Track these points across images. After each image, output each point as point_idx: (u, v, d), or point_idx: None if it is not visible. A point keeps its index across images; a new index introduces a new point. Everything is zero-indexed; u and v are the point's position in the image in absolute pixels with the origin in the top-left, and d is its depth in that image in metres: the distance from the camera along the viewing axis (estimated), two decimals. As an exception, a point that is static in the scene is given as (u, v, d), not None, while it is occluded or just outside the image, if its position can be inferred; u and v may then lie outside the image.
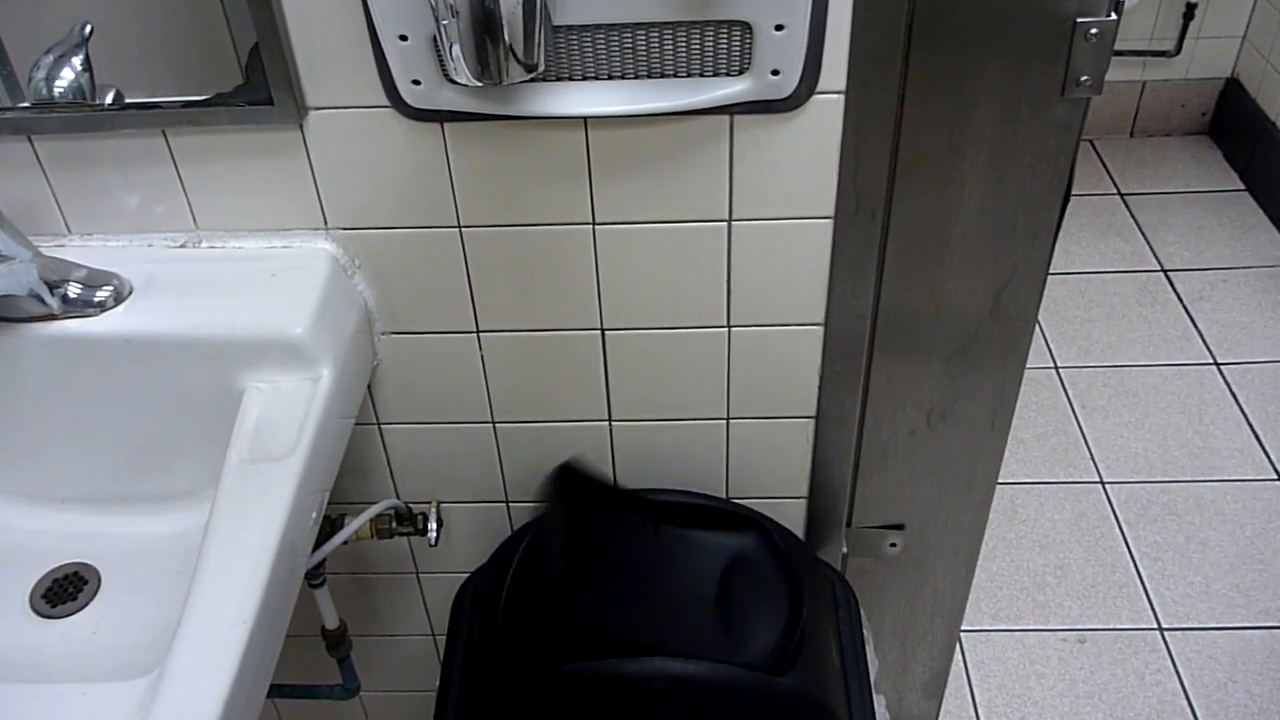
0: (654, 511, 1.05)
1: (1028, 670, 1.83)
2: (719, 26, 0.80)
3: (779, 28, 0.79)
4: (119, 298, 0.90)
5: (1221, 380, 2.31)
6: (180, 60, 0.86)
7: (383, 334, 1.01)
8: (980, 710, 1.78)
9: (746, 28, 0.80)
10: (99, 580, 0.93)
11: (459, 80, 0.75)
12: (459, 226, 0.94)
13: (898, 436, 1.15)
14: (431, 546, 1.16)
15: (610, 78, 0.83)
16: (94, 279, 0.90)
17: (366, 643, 1.33)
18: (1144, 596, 1.92)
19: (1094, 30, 0.86)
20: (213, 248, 0.95)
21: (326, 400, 0.88)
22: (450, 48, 0.73)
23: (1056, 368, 2.36)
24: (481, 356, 1.03)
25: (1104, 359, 2.37)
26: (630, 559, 1.04)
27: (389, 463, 1.13)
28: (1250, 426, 2.20)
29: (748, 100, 0.84)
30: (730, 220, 0.92)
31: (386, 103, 0.86)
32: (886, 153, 0.90)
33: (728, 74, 0.83)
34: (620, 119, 0.86)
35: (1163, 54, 2.83)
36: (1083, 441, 2.20)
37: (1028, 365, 1.10)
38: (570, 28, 0.80)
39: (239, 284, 0.92)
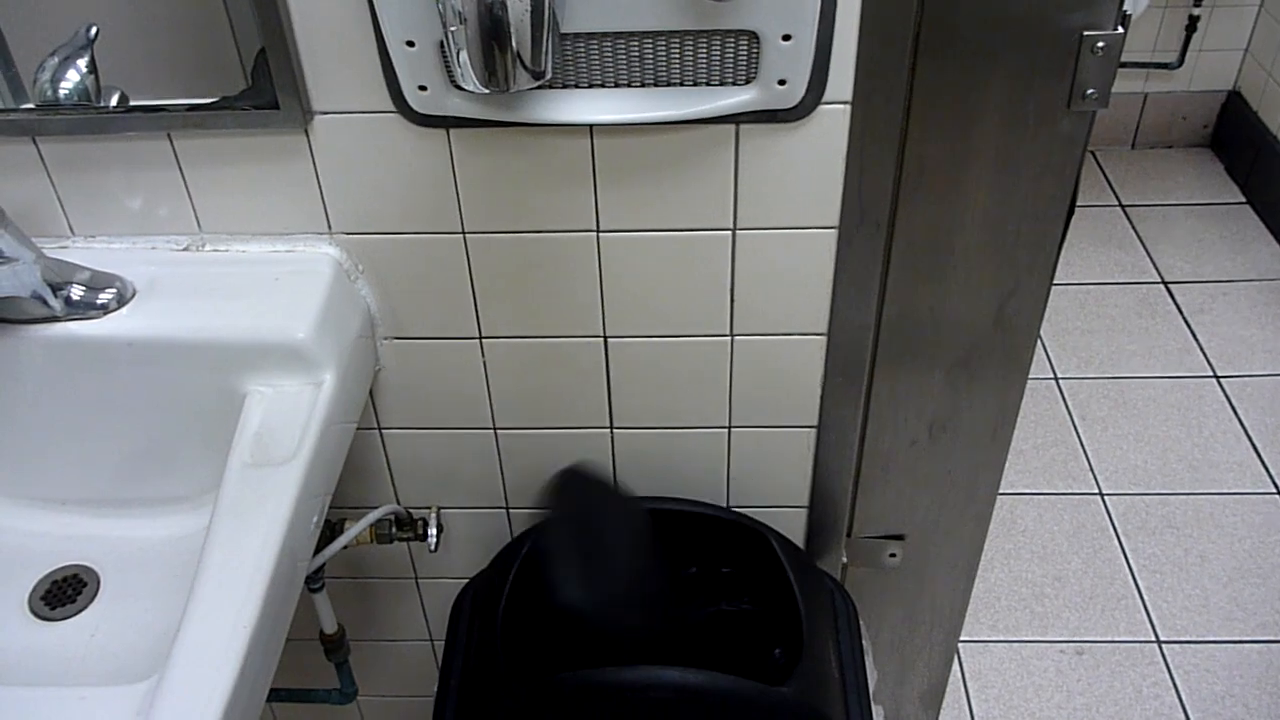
0: (655, 518, 1.05)
1: (1025, 681, 1.83)
2: (726, 36, 0.80)
3: (786, 38, 0.79)
4: (122, 300, 0.90)
5: (1221, 393, 2.31)
6: (185, 63, 0.86)
7: (385, 339, 1.01)
8: (977, 721, 1.78)
9: (754, 37, 0.80)
10: (98, 583, 0.93)
11: (466, 87, 0.75)
12: (463, 232, 0.93)
13: (899, 447, 1.14)
14: (431, 552, 1.16)
15: (617, 86, 0.83)
16: (97, 281, 0.90)
17: (365, 647, 1.32)
18: (1142, 609, 1.92)
19: (1100, 43, 0.86)
20: (216, 251, 0.95)
21: (329, 405, 0.88)
22: (458, 54, 0.73)
23: (1056, 379, 2.36)
24: (484, 362, 1.03)
25: (1104, 370, 2.37)
26: (630, 565, 1.03)
27: (390, 468, 1.12)
28: (1249, 440, 2.20)
29: (754, 110, 0.84)
30: (734, 229, 0.92)
31: (392, 108, 0.86)
32: (892, 163, 0.90)
33: (734, 83, 0.83)
34: (626, 127, 0.86)
35: (1165, 66, 2.83)
36: (1082, 453, 2.20)
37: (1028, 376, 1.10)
38: (578, 35, 0.80)
39: (242, 287, 0.92)
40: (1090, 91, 0.88)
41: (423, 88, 0.83)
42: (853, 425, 1.07)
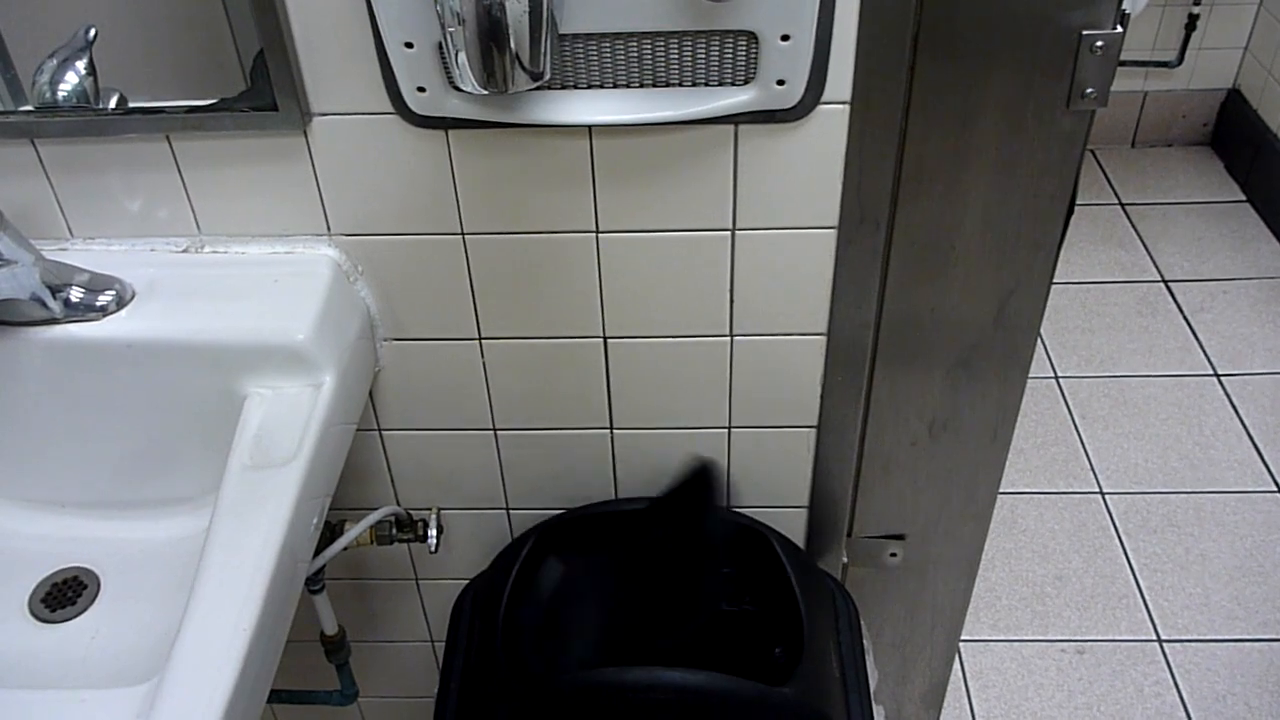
0: (657, 519, 1.05)
1: (1026, 681, 1.83)
2: (725, 36, 0.80)
3: (785, 38, 0.79)
4: (121, 302, 0.90)
5: (1221, 391, 2.31)
6: (184, 65, 0.86)
7: (385, 340, 1.01)
8: (979, 720, 1.78)
9: (753, 38, 0.80)
10: (98, 585, 0.92)
11: (464, 88, 0.75)
12: (462, 233, 0.93)
13: (899, 446, 1.14)
14: (431, 553, 1.16)
15: (616, 86, 0.83)
16: (96, 283, 0.90)
17: (365, 649, 1.32)
18: (1143, 608, 1.92)
19: (1099, 43, 0.86)
20: (215, 253, 0.95)
21: (328, 406, 0.88)
22: (456, 55, 0.73)
23: (1057, 377, 2.36)
24: (483, 363, 1.03)
25: (1104, 369, 2.37)
26: (633, 566, 1.04)
27: (390, 469, 1.12)
28: (1250, 438, 2.20)
29: (753, 110, 0.84)
30: (734, 229, 0.92)
31: (391, 109, 0.86)
32: (891, 163, 0.90)
33: (733, 84, 0.83)
34: (625, 128, 0.86)
35: (1164, 64, 2.83)
36: (1082, 452, 2.20)
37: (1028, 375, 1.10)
38: (576, 36, 0.80)
39: (241, 289, 0.92)
40: (1089, 90, 0.88)
41: (421, 89, 0.83)
42: (853, 425, 1.07)
